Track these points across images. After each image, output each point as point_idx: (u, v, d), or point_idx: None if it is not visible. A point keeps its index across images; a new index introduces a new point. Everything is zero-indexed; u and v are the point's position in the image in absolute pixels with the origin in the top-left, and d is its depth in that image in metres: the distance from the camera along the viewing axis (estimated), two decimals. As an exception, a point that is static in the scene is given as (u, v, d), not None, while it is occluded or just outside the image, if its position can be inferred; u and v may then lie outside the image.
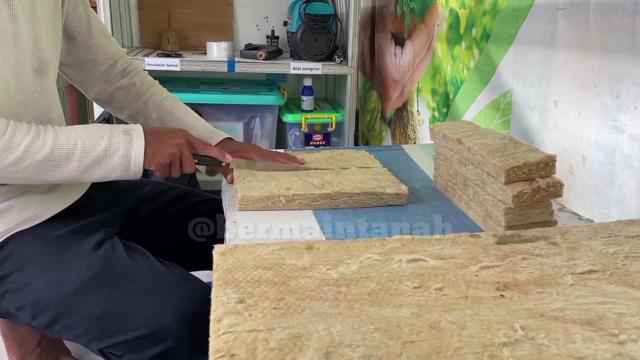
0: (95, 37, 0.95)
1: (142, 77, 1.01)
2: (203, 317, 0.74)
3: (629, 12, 0.75)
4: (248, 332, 0.44)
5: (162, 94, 1.01)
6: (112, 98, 0.99)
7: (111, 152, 0.75)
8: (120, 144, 0.76)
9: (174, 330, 0.73)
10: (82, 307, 0.73)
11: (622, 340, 0.44)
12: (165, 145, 0.79)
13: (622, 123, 0.77)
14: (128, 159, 0.76)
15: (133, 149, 0.76)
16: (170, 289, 0.76)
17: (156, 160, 0.78)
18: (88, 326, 0.73)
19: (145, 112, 0.99)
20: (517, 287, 0.53)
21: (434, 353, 0.42)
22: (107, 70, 0.98)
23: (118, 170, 0.76)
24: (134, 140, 0.77)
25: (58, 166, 0.72)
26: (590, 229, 0.67)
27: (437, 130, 0.90)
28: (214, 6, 2.07)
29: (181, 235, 0.98)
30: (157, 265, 0.80)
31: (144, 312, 0.73)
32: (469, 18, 1.23)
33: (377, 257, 0.59)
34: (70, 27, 0.92)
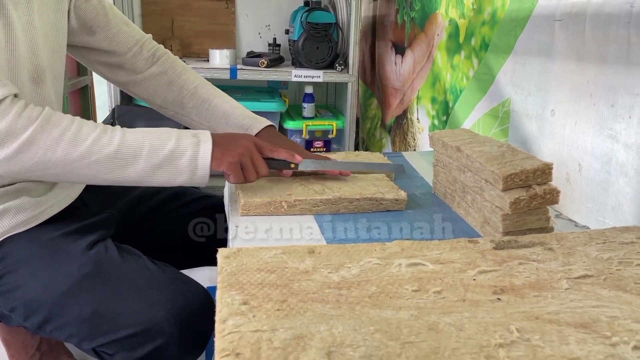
0: (115, 26, 0.93)
1: (173, 63, 0.98)
2: (195, 316, 0.75)
3: (623, 23, 0.76)
4: (252, 332, 0.45)
5: (196, 80, 0.97)
6: (141, 86, 0.96)
7: (179, 153, 0.73)
8: (188, 146, 0.74)
9: (165, 329, 0.73)
10: (73, 308, 0.74)
11: (615, 342, 0.45)
12: (233, 146, 0.77)
13: (617, 132, 0.79)
14: (195, 161, 0.74)
15: (200, 150, 0.74)
16: (162, 288, 0.76)
17: (226, 160, 0.75)
18: (79, 326, 0.74)
19: (180, 101, 0.96)
20: (513, 291, 0.55)
21: (432, 353, 0.43)
22: (134, 57, 0.95)
23: (185, 174, 0.74)
24: (202, 142, 0.75)
25: (125, 165, 0.71)
26: (586, 235, 0.69)
27: (436, 137, 0.92)
28: (217, 14, 2.09)
29: (178, 233, 0.98)
30: (149, 265, 0.80)
31: (135, 310, 0.73)
32: (468, 28, 1.25)
33: (378, 261, 0.60)
34: (87, 21, 0.91)
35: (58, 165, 0.69)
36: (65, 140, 0.68)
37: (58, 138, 0.68)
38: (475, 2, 1.21)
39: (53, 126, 0.68)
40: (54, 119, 0.69)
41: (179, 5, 2.05)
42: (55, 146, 0.68)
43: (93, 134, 0.70)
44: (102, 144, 0.70)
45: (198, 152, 0.74)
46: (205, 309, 0.77)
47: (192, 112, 0.95)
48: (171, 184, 0.75)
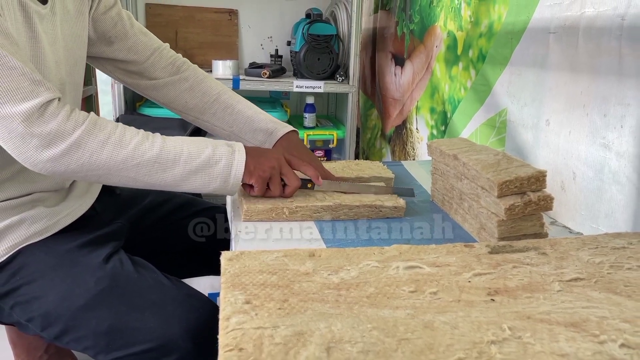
0: (132, 36, 0.95)
1: (194, 71, 1.00)
2: (208, 332, 0.77)
3: (615, 36, 0.79)
4: (255, 329, 0.47)
5: (218, 87, 0.99)
6: (162, 93, 0.98)
7: (214, 160, 0.76)
8: (223, 154, 0.77)
9: (180, 344, 0.74)
10: (90, 321, 0.75)
11: (603, 340, 0.47)
12: (265, 159, 0.80)
13: (609, 141, 0.81)
14: (229, 169, 0.77)
15: (235, 159, 0.77)
16: (176, 305, 0.78)
17: (257, 174, 0.78)
18: (96, 339, 0.75)
19: (201, 107, 0.97)
20: (507, 292, 0.56)
21: (427, 349, 0.45)
22: (152, 66, 0.97)
23: (218, 180, 0.77)
24: (236, 152, 0.78)
25: (164, 170, 0.74)
26: (579, 240, 0.71)
27: (434, 146, 0.94)
28: (220, 26, 2.13)
29: (183, 242, 1.00)
30: (163, 281, 0.81)
31: (150, 326, 0.75)
32: (466, 40, 1.28)
33: (376, 264, 0.62)
34: (106, 32, 0.93)
35: (102, 168, 0.71)
36: (110, 144, 0.71)
37: (104, 141, 0.71)
38: (472, 15, 1.24)
39: (99, 130, 0.71)
40: (100, 123, 0.72)
41: (182, 17, 2.09)
42: (101, 149, 0.70)
43: (136, 139, 0.73)
44: (144, 149, 0.73)
45: (232, 161, 0.77)
46: (217, 324, 0.79)
47: (214, 117, 0.97)
48: (204, 190, 0.78)
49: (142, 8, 2.08)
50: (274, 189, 0.81)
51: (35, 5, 0.77)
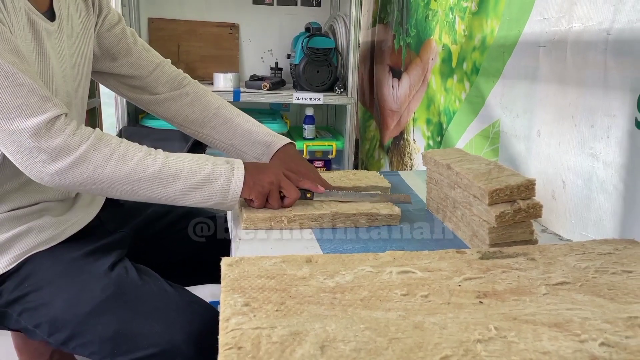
0: (135, 52, 0.98)
1: (194, 86, 1.02)
2: (210, 338, 0.78)
3: (600, 50, 0.82)
4: (253, 329, 0.50)
5: (217, 101, 1.02)
6: (163, 107, 1.01)
7: (214, 177, 0.79)
8: (223, 172, 0.80)
9: (183, 350, 0.76)
10: (96, 327, 0.77)
11: (584, 339, 0.49)
12: (264, 175, 0.83)
13: (597, 151, 0.84)
14: (228, 186, 0.80)
15: (234, 177, 0.80)
16: (179, 311, 0.80)
17: (256, 189, 0.82)
18: (102, 344, 0.77)
19: (201, 120, 0.99)
20: (495, 295, 0.59)
21: (416, 347, 0.47)
22: (154, 81, 0.99)
23: (217, 196, 0.80)
24: (236, 169, 0.81)
25: (165, 185, 0.77)
26: (567, 247, 0.73)
27: (429, 156, 0.97)
28: (221, 39, 2.17)
29: (185, 252, 1.03)
30: (167, 288, 0.83)
31: (154, 332, 0.77)
32: (460, 53, 1.31)
33: (370, 269, 0.65)
34: (110, 49, 0.96)
35: (105, 181, 0.74)
36: (114, 159, 0.74)
37: (108, 156, 0.74)
38: (466, 29, 1.28)
39: (104, 145, 0.74)
40: (105, 139, 0.75)
41: (184, 31, 2.14)
42: (104, 164, 0.73)
43: (139, 155, 0.76)
44: (146, 164, 0.76)
45: (231, 178, 0.80)
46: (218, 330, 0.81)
47: (213, 131, 1.00)
48: (204, 205, 0.81)
49: (145, 22, 2.12)
50: (273, 203, 0.84)
51: (43, 23, 0.80)
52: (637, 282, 0.62)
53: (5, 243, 0.80)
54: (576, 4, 0.88)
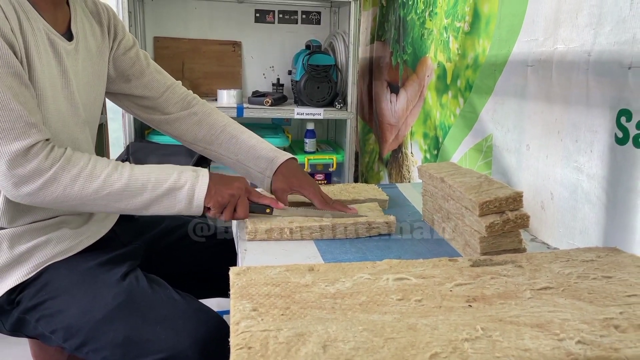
0: (148, 75, 1.03)
1: (202, 105, 1.07)
2: (215, 344, 0.84)
3: (583, 70, 0.88)
4: (261, 331, 0.55)
5: (224, 119, 1.07)
6: (173, 127, 1.06)
7: (179, 185, 0.84)
8: (188, 179, 0.85)
9: (189, 355, 0.80)
10: (108, 333, 0.81)
11: (562, 337, 0.54)
12: (226, 187, 0.88)
13: (581, 164, 0.89)
14: (193, 192, 0.85)
15: (198, 184, 0.85)
16: (186, 319, 0.84)
17: (215, 198, 0.86)
18: (113, 350, 0.81)
19: (209, 138, 1.04)
20: (483, 299, 0.64)
21: (409, 346, 0.52)
22: (165, 102, 1.04)
23: (183, 202, 0.85)
24: (200, 177, 0.86)
25: (134, 196, 0.82)
26: (553, 254, 0.78)
27: (424, 170, 1.02)
28: (224, 57, 2.24)
29: (195, 264, 1.08)
30: (175, 297, 0.88)
31: (162, 338, 0.81)
32: (454, 71, 1.37)
33: (368, 276, 0.70)
34: (125, 71, 1.02)
35: (75, 199, 0.80)
36: (82, 177, 0.79)
37: (76, 175, 0.79)
38: (459, 48, 1.34)
39: (73, 165, 0.79)
40: (74, 159, 0.80)
41: (189, 49, 2.21)
42: (73, 183, 0.79)
43: (106, 170, 0.81)
44: (113, 179, 0.81)
45: (196, 184, 0.85)
46: (222, 336, 0.85)
47: (221, 147, 1.05)
48: (171, 212, 0.86)
49: (150, 41, 2.19)
50: (226, 215, 0.89)
51: (62, 42, 0.86)
52: (615, 286, 0.67)
53: (26, 253, 0.85)
54: (560, 27, 0.94)
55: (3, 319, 0.88)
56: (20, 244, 0.85)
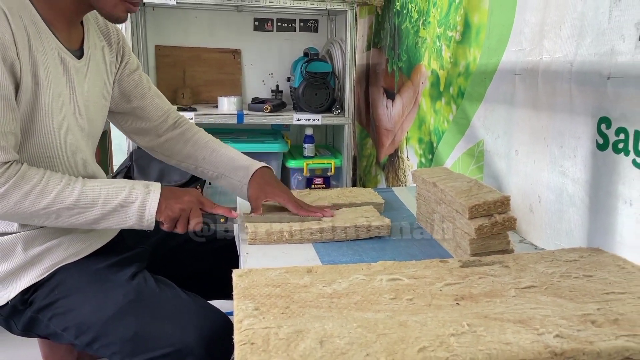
0: (149, 98, 1.09)
1: (190, 126, 1.15)
2: (219, 339, 0.88)
3: (566, 79, 0.92)
4: (263, 328, 0.59)
5: (206, 137, 1.14)
6: (162, 147, 1.13)
7: (130, 201, 0.87)
8: (139, 195, 0.88)
9: (195, 349, 0.84)
10: (118, 329, 0.86)
11: (542, 332, 0.58)
12: (177, 201, 0.91)
13: (566, 169, 0.94)
14: (144, 208, 0.88)
15: (149, 200, 0.88)
16: (192, 315, 0.88)
17: (166, 213, 0.90)
18: (122, 345, 0.85)
19: (193, 154, 1.11)
20: (471, 298, 0.68)
21: (399, 341, 0.56)
22: (159, 124, 1.11)
23: (134, 218, 0.88)
24: (151, 192, 0.89)
25: (83, 211, 0.85)
26: (538, 255, 0.82)
27: (417, 175, 1.07)
28: (224, 64, 2.29)
29: (199, 267, 1.12)
30: (181, 295, 0.92)
31: (170, 333, 0.85)
32: (447, 78, 1.42)
33: (363, 277, 0.74)
34: (128, 91, 1.07)
35: (25, 214, 0.83)
36: (33, 194, 0.82)
37: (27, 192, 0.82)
38: (452, 57, 1.38)
39: (25, 183, 0.82)
40: (27, 176, 0.83)
41: (189, 57, 2.25)
42: (23, 199, 0.82)
43: (58, 187, 0.84)
44: (64, 196, 0.84)
45: (147, 200, 0.89)
46: (226, 332, 0.90)
47: (204, 162, 1.11)
48: (121, 226, 0.89)
49: (152, 50, 2.24)
50: (179, 228, 0.92)
51: (72, 60, 0.91)
52: (595, 285, 0.71)
53: (39, 255, 0.90)
54: (545, 38, 0.98)
55: (15, 319, 0.92)
56: (33, 246, 0.89)
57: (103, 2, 0.88)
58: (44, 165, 0.88)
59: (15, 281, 0.89)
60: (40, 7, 0.85)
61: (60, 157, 0.89)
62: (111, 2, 0.88)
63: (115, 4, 0.89)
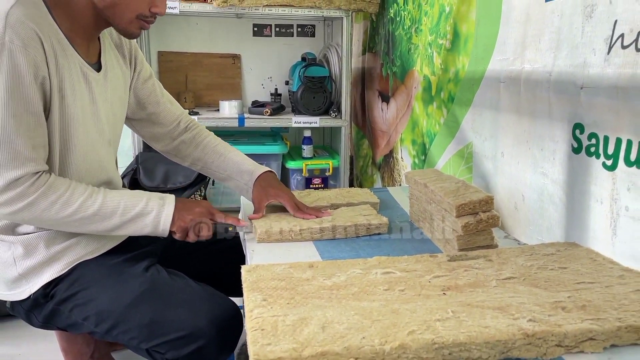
0: (162, 104, 1.18)
1: (200, 130, 1.23)
2: (228, 323, 0.96)
3: (545, 88, 1.00)
4: (271, 317, 0.67)
5: (216, 141, 1.23)
6: (177, 150, 1.21)
7: (146, 212, 0.96)
8: (154, 207, 0.97)
9: (206, 332, 0.92)
10: (135, 316, 0.94)
11: (517, 317, 0.66)
12: (188, 213, 1.00)
13: (546, 170, 1.02)
14: (159, 219, 0.97)
15: (164, 211, 0.97)
16: (203, 302, 0.96)
17: (178, 224, 0.98)
18: (139, 330, 0.93)
19: (203, 157, 1.20)
20: (456, 288, 0.76)
21: (392, 326, 0.64)
22: (173, 129, 1.20)
23: (149, 227, 0.96)
24: (166, 205, 0.98)
25: (104, 220, 0.94)
26: (519, 249, 0.90)
27: (410, 176, 1.14)
28: (225, 69, 2.36)
29: (205, 266, 1.20)
30: (192, 284, 1.01)
31: (183, 318, 0.93)
32: (438, 84, 1.50)
33: (360, 271, 0.82)
34: (142, 99, 1.15)
35: (50, 221, 0.91)
36: (59, 203, 0.90)
37: (54, 201, 0.90)
38: (442, 63, 1.46)
39: (52, 192, 0.90)
40: (54, 186, 0.90)
41: (191, 63, 2.33)
42: (50, 207, 0.90)
43: (82, 197, 0.92)
44: (87, 205, 0.92)
45: (161, 212, 0.97)
46: (235, 318, 0.98)
47: (213, 165, 1.20)
48: (138, 234, 0.98)
49: (155, 55, 2.31)
50: (190, 237, 1.01)
51: (92, 73, 0.99)
52: (568, 276, 0.79)
53: (59, 252, 0.98)
54: (526, 49, 1.06)
55: (36, 312, 1.00)
56: (54, 244, 0.97)
57: (119, 19, 0.96)
58: (66, 172, 0.95)
59: (37, 276, 0.96)
60: (62, 25, 0.93)
61: (80, 164, 0.97)
62: (126, 19, 0.96)
63: (130, 21, 0.96)
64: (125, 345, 0.98)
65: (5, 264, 0.97)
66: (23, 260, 0.96)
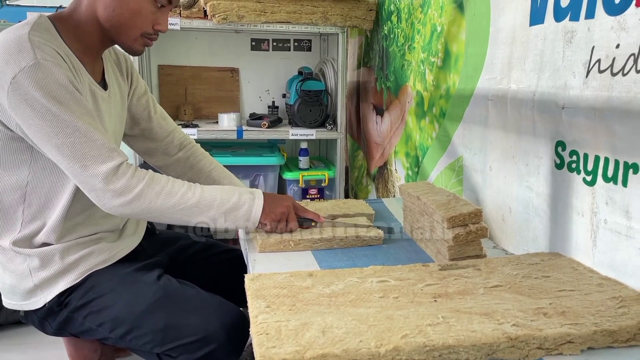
0: (155, 120, 1.22)
1: (195, 151, 1.27)
2: (237, 329, 1.01)
3: (529, 106, 1.06)
4: (275, 322, 0.72)
5: (211, 165, 1.27)
6: (171, 168, 1.25)
7: (239, 205, 1.02)
8: (246, 200, 1.03)
9: (218, 336, 0.97)
10: (150, 321, 0.98)
11: (502, 322, 0.71)
12: (278, 206, 1.07)
13: (531, 184, 1.08)
14: (250, 211, 1.02)
15: (255, 205, 1.03)
16: (213, 308, 1.01)
17: (270, 216, 1.05)
18: (154, 335, 0.98)
19: (197, 180, 1.23)
20: (447, 296, 0.81)
21: (386, 330, 0.69)
22: (166, 145, 1.24)
23: (241, 220, 1.02)
24: (256, 199, 1.04)
25: (202, 212, 0.99)
26: (506, 259, 0.96)
27: (403, 189, 1.20)
28: (223, 82, 2.42)
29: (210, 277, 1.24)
30: (202, 292, 1.05)
31: (195, 324, 0.98)
32: (430, 99, 1.56)
33: (357, 279, 0.87)
34: (136, 114, 1.20)
35: (157, 211, 0.97)
36: (163, 194, 0.96)
37: (159, 192, 0.96)
38: (434, 80, 1.52)
39: (155, 184, 0.96)
40: (156, 178, 0.97)
41: (190, 76, 2.38)
42: (156, 198, 0.95)
43: (182, 189, 0.98)
44: (188, 197, 0.98)
45: (253, 206, 1.04)
46: (242, 324, 1.03)
47: None
48: (232, 226, 1.03)
49: (155, 69, 2.36)
50: (280, 228, 1.08)
51: (99, 92, 1.04)
52: (551, 284, 0.85)
53: (73, 263, 1.02)
54: (512, 69, 1.12)
55: (50, 320, 1.04)
56: (69, 255, 1.02)
57: (125, 37, 1.01)
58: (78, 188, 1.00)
59: (52, 286, 1.01)
60: (71, 45, 0.98)
61: None
62: (132, 37, 1.01)
63: (135, 39, 1.02)
64: (134, 351, 1.03)
65: (21, 276, 1.01)
66: (39, 272, 1.00)
